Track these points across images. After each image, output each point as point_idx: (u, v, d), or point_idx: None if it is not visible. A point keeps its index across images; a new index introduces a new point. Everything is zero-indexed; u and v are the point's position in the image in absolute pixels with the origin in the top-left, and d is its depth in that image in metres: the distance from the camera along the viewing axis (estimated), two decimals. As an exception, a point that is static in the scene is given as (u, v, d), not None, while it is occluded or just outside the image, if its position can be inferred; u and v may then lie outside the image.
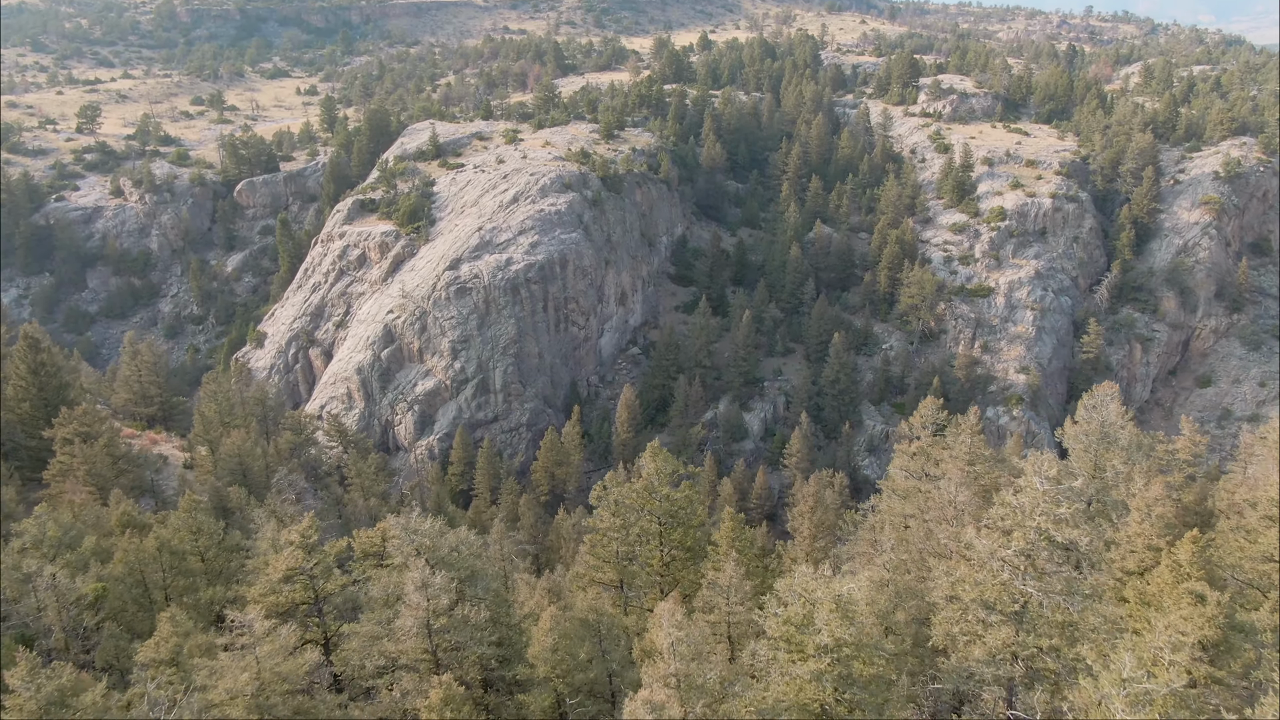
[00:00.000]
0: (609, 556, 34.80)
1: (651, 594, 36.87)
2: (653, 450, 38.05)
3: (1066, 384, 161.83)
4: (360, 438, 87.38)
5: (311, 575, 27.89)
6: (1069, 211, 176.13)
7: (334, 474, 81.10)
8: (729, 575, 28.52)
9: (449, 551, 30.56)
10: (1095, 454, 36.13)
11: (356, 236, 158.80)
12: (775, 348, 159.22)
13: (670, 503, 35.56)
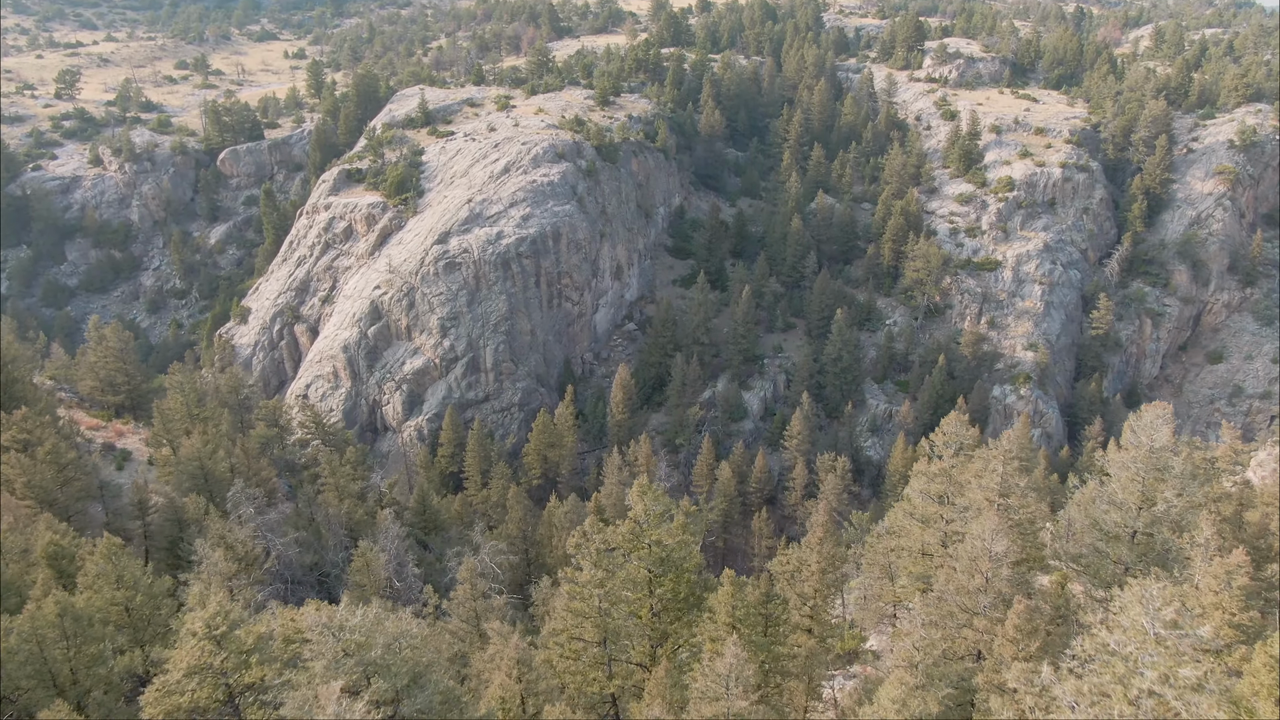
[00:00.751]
0: (590, 612, 30.60)
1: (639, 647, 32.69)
2: (640, 489, 33.63)
3: (1075, 361, 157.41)
4: (338, 429, 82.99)
5: (222, 671, 23.21)
6: (1079, 182, 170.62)
7: (312, 468, 76.84)
8: (729, 661, 24.35)
9: (385, 650, 24.73)
10: (1144, 483, 31.76)
11: (343, 208, 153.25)
12: (775, 323, 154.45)
13: (661, 548, 31.27)
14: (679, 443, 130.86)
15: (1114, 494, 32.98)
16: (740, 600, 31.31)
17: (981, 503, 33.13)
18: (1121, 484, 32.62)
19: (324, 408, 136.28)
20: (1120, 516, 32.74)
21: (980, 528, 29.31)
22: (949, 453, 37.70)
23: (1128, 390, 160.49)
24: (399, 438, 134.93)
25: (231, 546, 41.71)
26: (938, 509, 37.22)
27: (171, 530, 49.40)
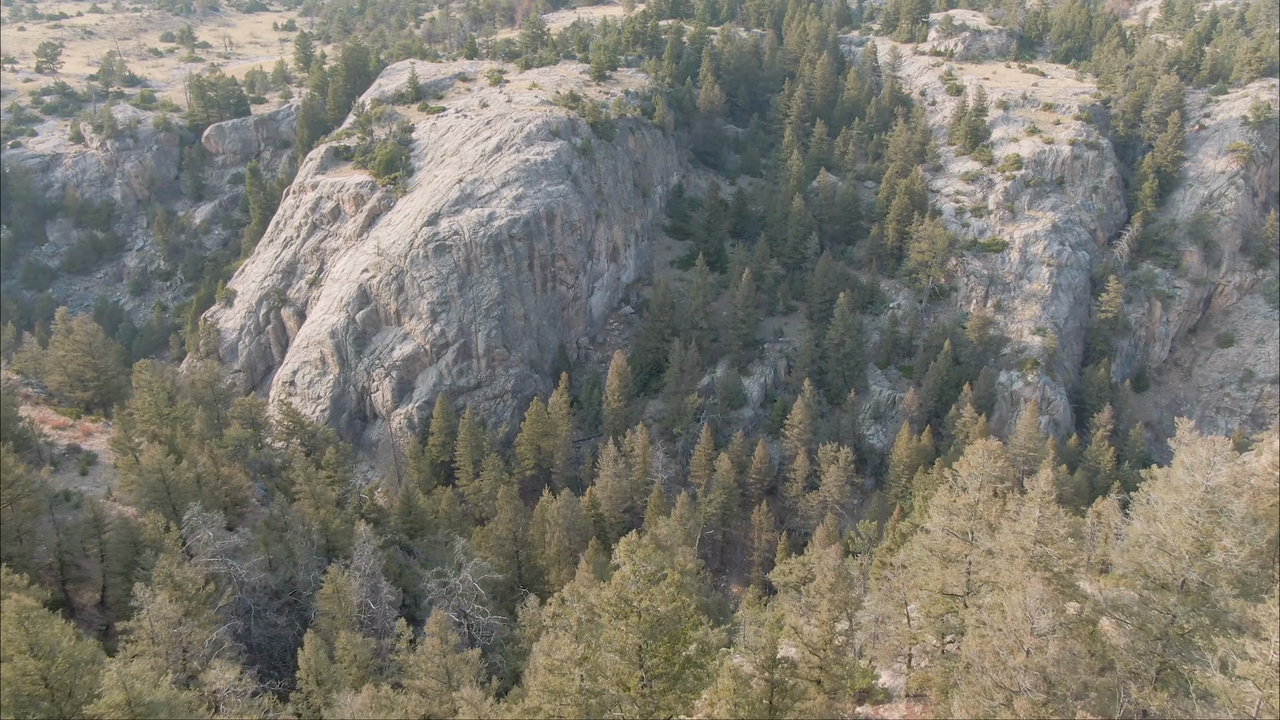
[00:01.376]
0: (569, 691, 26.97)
1: (629, 719, 29.11)
2: (628, 547, 29.78)
3: (1083, 345, 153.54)
4: (319, 428, 78.93)
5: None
6: (1089, 160, 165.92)
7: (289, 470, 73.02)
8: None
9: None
10: (1199, 528, 28.04)
11: (330, 187, 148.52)
12: (776, 306, 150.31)
13: (652, 614, 27.60)
14: (676, 432, 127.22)
15: (1163, 537, 29.28)
16: (744, 697, 27.52)
17: (1015, 549, 29.49)
18: (1172, 527, 28.90)
19: (311, 394, 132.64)
20: (1170, 564, 29.05)
21: (1022, 597, 25.67)
22: (975, 485, 33.98)
23: (1136, 374, 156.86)
24: (388, 426, 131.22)
25: (181, 585, 38.10)
26: (962, 548, 33.52)
27: (127, 553, 45.77)
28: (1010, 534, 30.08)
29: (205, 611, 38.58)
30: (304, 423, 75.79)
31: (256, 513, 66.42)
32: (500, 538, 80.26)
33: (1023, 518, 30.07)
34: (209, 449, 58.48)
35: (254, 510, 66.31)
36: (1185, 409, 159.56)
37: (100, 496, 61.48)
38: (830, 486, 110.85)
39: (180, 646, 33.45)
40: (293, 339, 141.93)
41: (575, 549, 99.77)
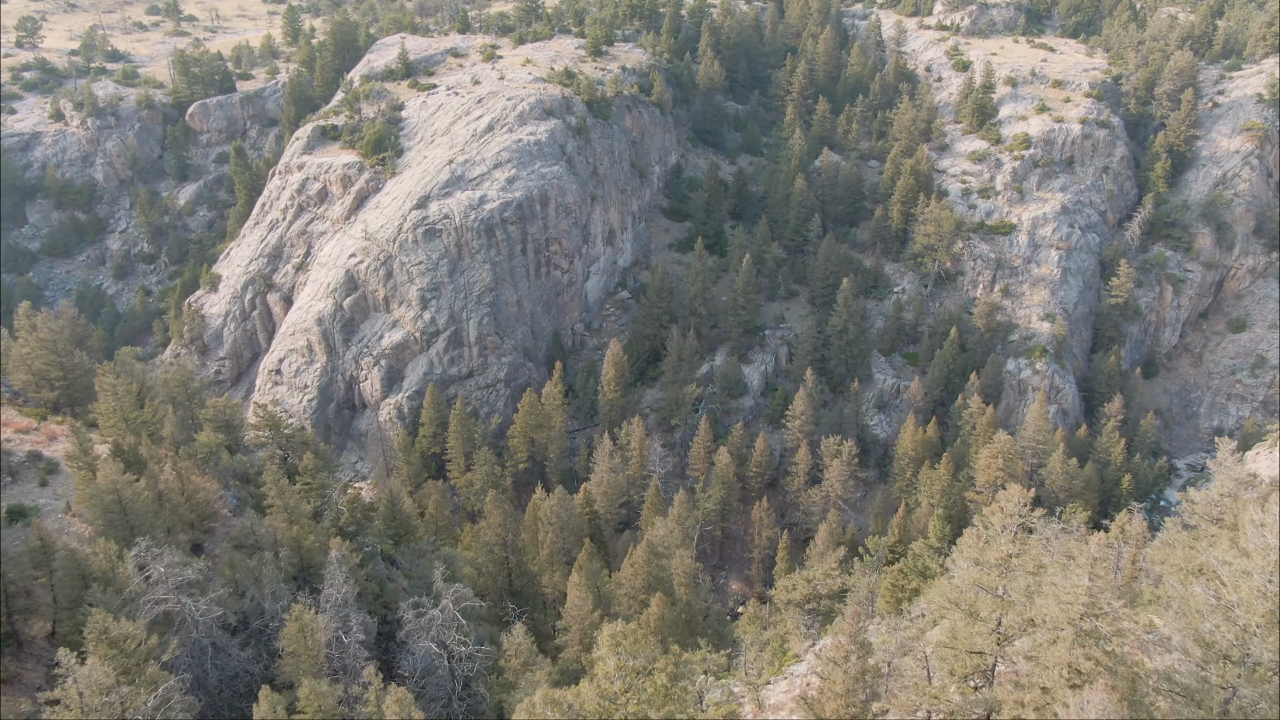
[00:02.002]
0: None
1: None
2: (613, 638, 25.90)
3: (1092, 331, 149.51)
4: (297, 430, 74.78)
5: None
6: (1099, 139, 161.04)
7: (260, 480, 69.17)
8: None
9: None
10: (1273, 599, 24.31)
11: (317, 168, 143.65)
12: (777, 291, 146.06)
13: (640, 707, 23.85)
14: (674, 423, 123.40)
15: (1228, 604, 25.56)
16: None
17: (1059, 620, 25.78)
18: (1240, 595, 25.15)
19: (298, 383, 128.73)
20: (1234, 634, 25.33)
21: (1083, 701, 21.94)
22: (1008, 537, 30.13)
23: (1145, 360, 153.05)
24: (378, 415, 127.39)
25: (118, 642, 34.31)
26: (994, 606, 29.77)
27: (75, 586, 42.00)
28: (1055, 603, 26.43)
29: (149, 668, 34.93)
30: (281, 425, 71.85)
31: (228, 525, 62.64)
32: (489, 543, 76.62)
33: (1069, 584, 26.35)
34: (173, 461, 54.56)
35: (226, 523, 62.53)
36: (1195, 395, 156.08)
37: (60, 511, 57.71)
38: (833, 481, 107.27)
39: (116, 715, 29.73)
40: (279, 326, 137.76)
41: (570, 548, 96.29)
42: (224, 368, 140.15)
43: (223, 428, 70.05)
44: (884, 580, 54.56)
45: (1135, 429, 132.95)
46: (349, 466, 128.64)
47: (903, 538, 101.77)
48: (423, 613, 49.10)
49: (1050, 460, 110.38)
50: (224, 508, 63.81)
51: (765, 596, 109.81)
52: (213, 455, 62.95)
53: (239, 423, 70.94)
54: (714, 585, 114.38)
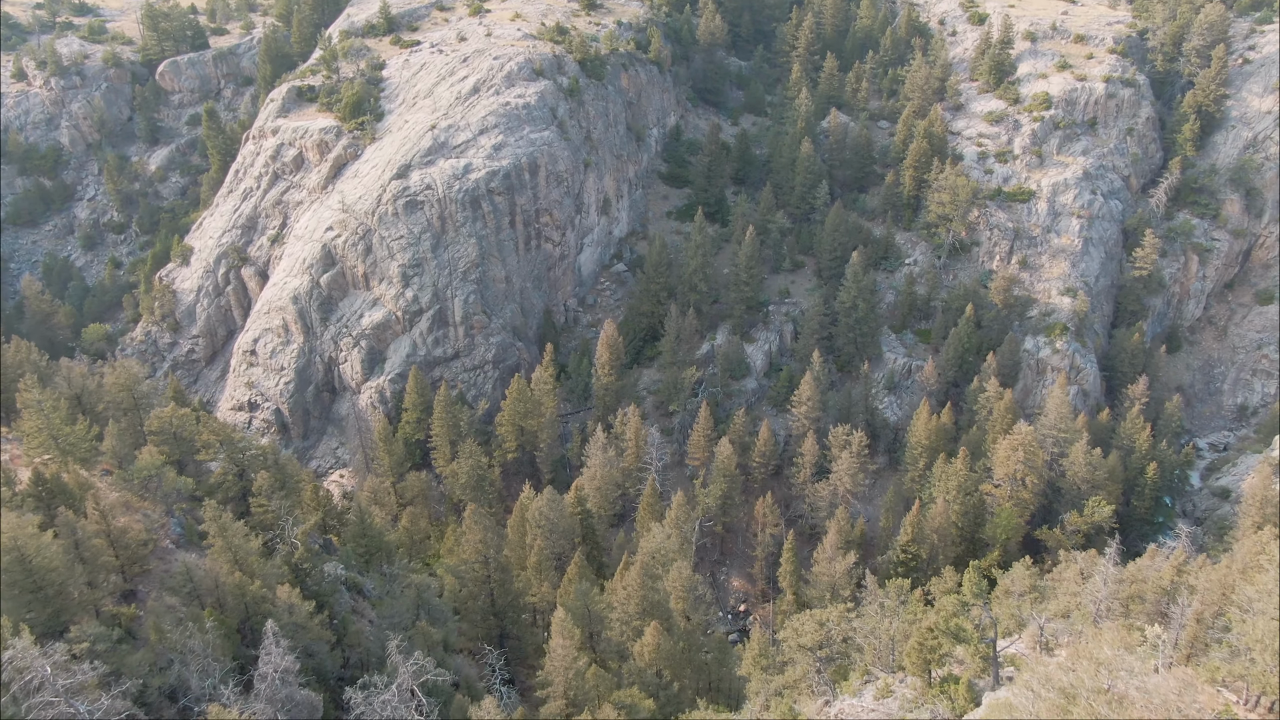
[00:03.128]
0: None
1: None
2: None
3: (1113, 304, 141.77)
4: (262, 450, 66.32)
5: None
6: (1124, 98, 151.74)
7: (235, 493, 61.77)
8: None
9: None
10: None
11: (292, 133, 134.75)
12: (782, 263, 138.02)
13: None
14: (673, 409, 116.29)
15: None
16: None
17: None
18: None
19: (274, 365, 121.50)
20: None
21: None
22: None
23: (1167, 334, 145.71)
24: (360, 399, 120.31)
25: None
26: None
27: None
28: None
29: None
30: (235, 439, 64.43)
31: (170, 560, 55.78)
32: (469, 560, 69.94)
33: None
34: (94, 500, 47.49)
35: (168, 558, 55.65)
36: (1219, 371, 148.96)
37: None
38: (842, 474, 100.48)
39: None
40: (255, 302, 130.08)
41: (560, 551, 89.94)
42: (198, 346, 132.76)
43: (169, 441, 62.95)
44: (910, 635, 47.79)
45: (1159, 410, 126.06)
46: (329, 453, 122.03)
47: (916, 536, 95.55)
48: (374, 696, 42.42)
49: (1072, 451, 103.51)
50: (167, 538, 56.93)
51: (771, 579, 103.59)
52: (154, 478, 55.93)
53: (189, 434, 63.88)
54: (714, 581, 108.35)
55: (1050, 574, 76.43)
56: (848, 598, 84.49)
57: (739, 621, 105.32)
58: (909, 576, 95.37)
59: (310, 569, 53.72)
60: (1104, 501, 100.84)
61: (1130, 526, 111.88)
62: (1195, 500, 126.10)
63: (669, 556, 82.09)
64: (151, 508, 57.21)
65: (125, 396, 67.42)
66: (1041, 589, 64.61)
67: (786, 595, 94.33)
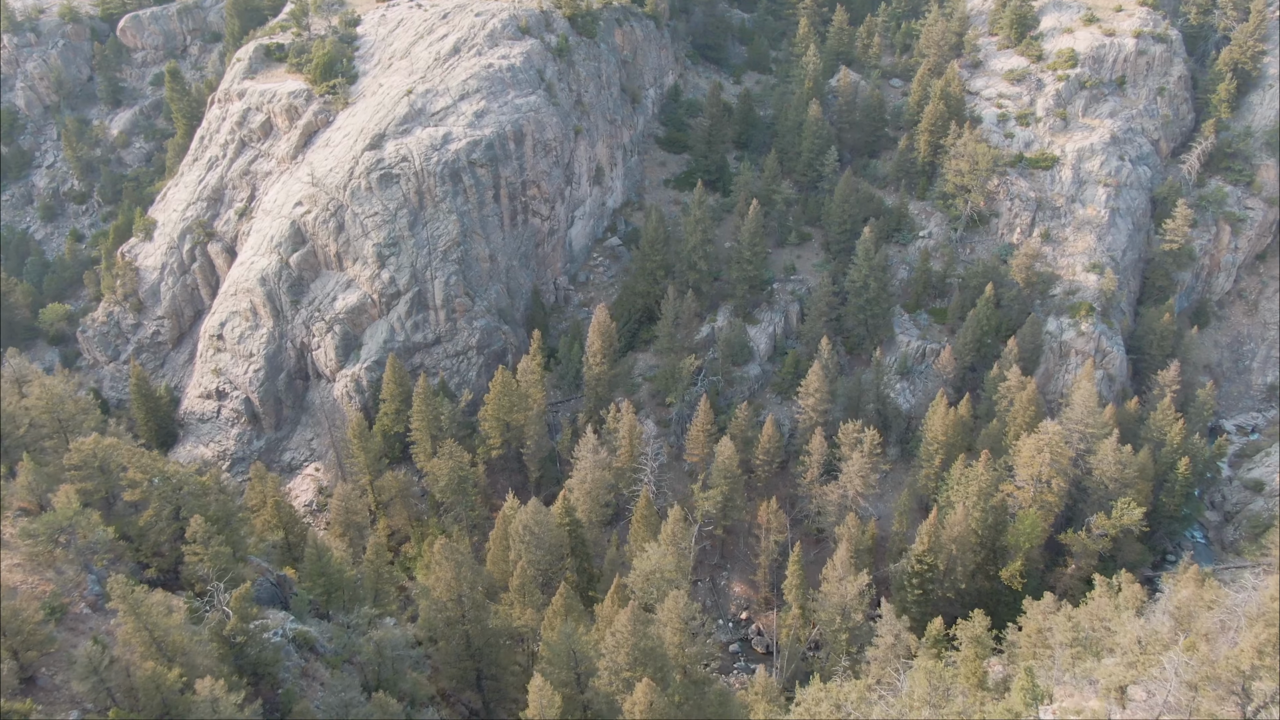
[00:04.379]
0: None
1: None
2: None
3: (1140, 280, 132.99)
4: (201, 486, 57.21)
5: None
6: (1155, 55, 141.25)
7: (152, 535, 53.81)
8: None
9: None
10: None
11: (259, 97, 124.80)
12: (787, 236, 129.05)
13: None
14: (670, 401, 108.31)
15: None
16: None
17: None
18: None
19: (242, 351, 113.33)
20: None
21: None
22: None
23: (1195, 309, 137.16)
24: (335, 388, 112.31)
25: None
26: None
27: None
28: None
29: None
30: (169, 473, 56.06)
31: (84, 627, 48.20)
32: (441, 600, 62.48)
33: None
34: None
35: (81, 626, 48.09)
36: (1248, 348, 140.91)
37: None
38: (852, 476, 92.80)
39: None
40: (224, 281, 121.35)
41: (548, 569, 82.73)
42: (163, 328, 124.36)
43: (94, 475, 55.17)
44: None
45: (1188, 395, 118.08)
46: (303, 444, 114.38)
47: (933, 546, 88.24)
48: None
49: (1100, 448, 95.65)
50: (83, 599, 49.36)
51: (775, 587, 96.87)
52: (65, 530, 48.22)
53: (114, 467, 56.07)
54: (714, 587, 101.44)
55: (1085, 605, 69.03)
56: (860, 625, 77.49)
57: (740, 630, 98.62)
58: (924, 588, 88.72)
59: (248, 639, 46.28)
60: (1133, 503, 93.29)
61: (1157, 523, 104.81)
62: (1225, 492, 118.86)
63: (664, 579, 74.87)
64: (68, 561, 49.58)
65: (48, 420, 59.38)
66: (1085, 641, 57.19)
67: (792, 609, 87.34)
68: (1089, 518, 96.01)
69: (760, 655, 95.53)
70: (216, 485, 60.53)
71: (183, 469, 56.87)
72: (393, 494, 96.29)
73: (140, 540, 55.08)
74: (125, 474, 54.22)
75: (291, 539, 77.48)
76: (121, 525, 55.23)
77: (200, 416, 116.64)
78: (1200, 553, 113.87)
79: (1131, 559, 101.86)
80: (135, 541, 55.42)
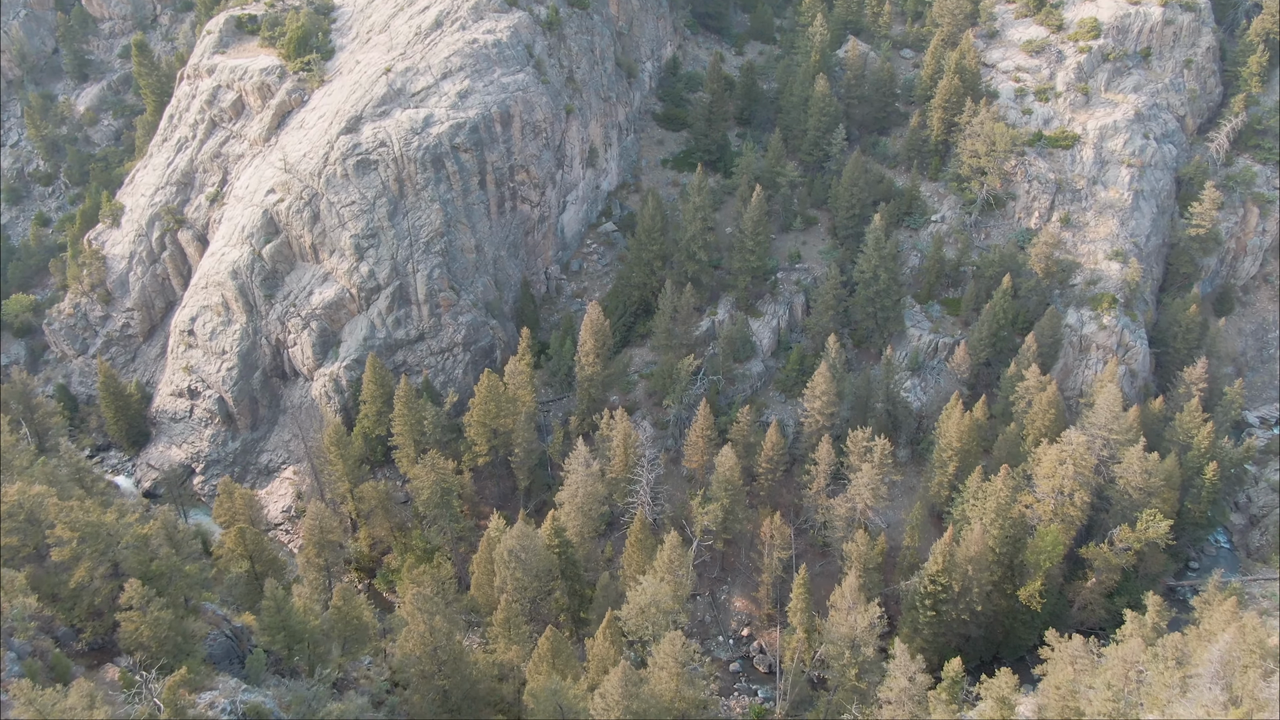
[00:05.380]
0: None
1: None
2: None
3: (1163, 266, 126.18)
4: (141, 539, 50.44)
5: None
6: (1182, 25, 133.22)
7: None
8: None
9: None
10: None
11: (230, 74, 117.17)
12: (792, 221, 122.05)
13: None
14: (667, 404, 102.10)
15: None
16: None
17: None
18: None
19: (214, 348, 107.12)
20: None
21: None
22: None
23: (1218, 294, 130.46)
24: (313, 387, 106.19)
25: None
26: None
27: None
28: None
29: None
30: (104, 526, 49.62)
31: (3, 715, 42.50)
32: (412, 654, 56.81)
33: None
34: None
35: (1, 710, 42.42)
36: (1273, 335, 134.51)
37: None
38: (861, 488, 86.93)
39: None
40: (196, 271, 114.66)
41: (536, 600, 77.26)
42: (133, 320, 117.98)
43: (20, 529, 49.18)
44: None
45: (1214, 390, 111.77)
46: (281, 445, 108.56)
47: (947, 566, 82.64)
48: None
49: (1126, 456, 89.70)
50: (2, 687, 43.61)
51: (778, 602, 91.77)
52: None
53: (45, 517, 50.02)
54: (714, 601, 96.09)
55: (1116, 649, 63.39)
56: (870, 660, 72.04)
57: (741, 647, 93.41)
58: (937, 610, 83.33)
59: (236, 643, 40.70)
60: (1159, 515, 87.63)
61: (1181, 530, 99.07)
62: (1251, 494, 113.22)
63: (661, 610, 69.33)
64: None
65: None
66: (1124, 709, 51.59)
67: (797, 633, 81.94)
68: (1112, 530, 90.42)
69: (763, 675, 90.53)
70: (164, 531, 54.50)
71: (121, 520, 50.73)
72: (373, 505, 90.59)
73: (73, 602, 49.23)
74: (50, 534, 48.17)
75: (259, 568, 71.93)
76: (54, 583, 49.35)
77: (173, 416, 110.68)
78: (1224, 559, 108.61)
79: (1154, 570, 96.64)
80: (67, 603, 49.55)
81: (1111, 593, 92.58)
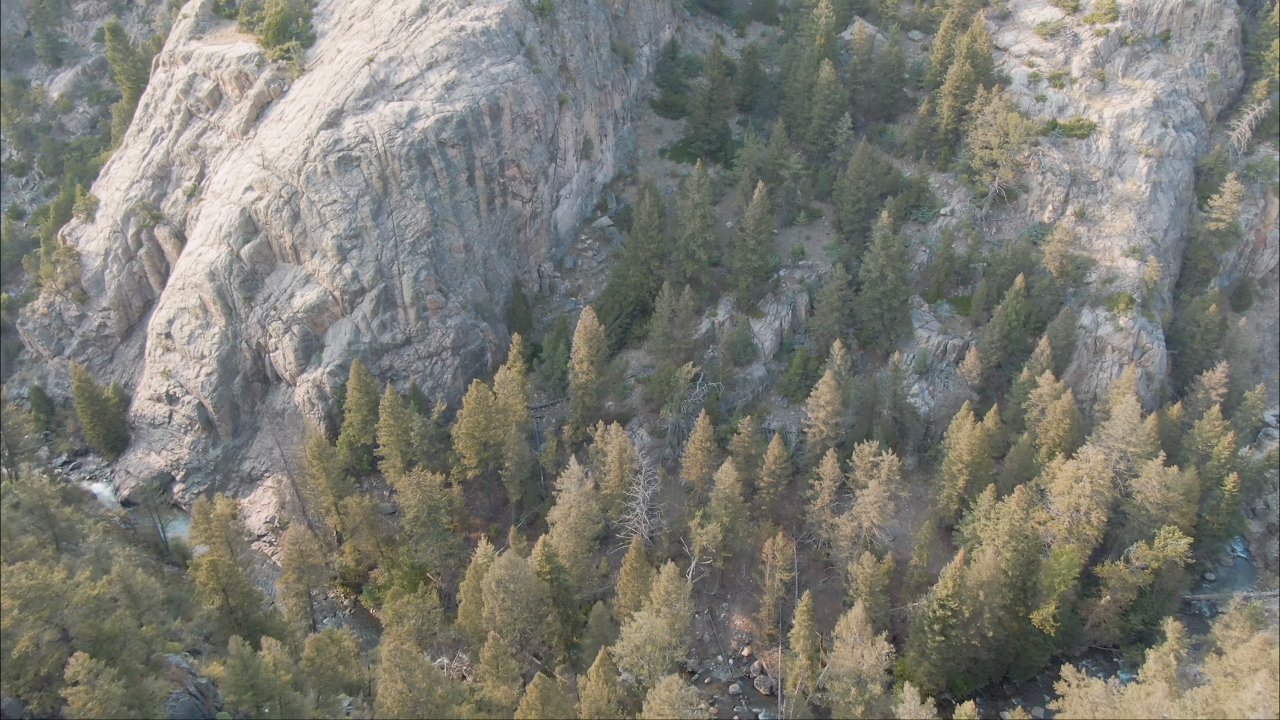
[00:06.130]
0: None
1: None
2: None
3: (1181, 261, 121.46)
4: (93, 603, 46.10)
5: None
6: (1204, 6, 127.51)
7: None
8: None
9: None
10: None
11: (207, 61, 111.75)
12: (795, 215, 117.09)
13: None
14: (665, 412, 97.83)
15: None
16: None
17: None
18: None
19: (193, 352, 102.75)
20: None
21: None
22: None
23: (1236, 289, 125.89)
24: (296, 393, 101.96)
25: None
26: None
27: None
28: None
29: None
30: (52, 588, 45.27)
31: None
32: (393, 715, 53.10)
33: None
34: None
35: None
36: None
37: None
38: (868, 506, 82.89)
39: None
40: (173, 269, 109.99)
41: (526, 632, 73.55)
42: (109, 320, 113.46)
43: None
44: None
45: (1233, 392, 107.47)
46: (264, 453, 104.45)
47: (957, 590, 78.90)
48: None
49: (1145, 470, 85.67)
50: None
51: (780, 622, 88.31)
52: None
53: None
54: (713, 620, 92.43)
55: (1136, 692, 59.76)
56: (878, 697, 68.41)
57: (742, 668, 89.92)
58: (946, 634, 79.73)
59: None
60: (1178, 532, 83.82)
61: (1198, 542, 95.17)
62: (1269, 500, 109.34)
63: (657, 647, 65.58)
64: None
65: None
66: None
67: (800, 659, 78.27)
68: (1128, 547, 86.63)
69: (764, 697, 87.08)
70: (122, 582, 50.46)
71: (70, 580, 46.67)
72: (358, 520, 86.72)
73: (18, 672, 45.32)
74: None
75: (233, 601, 68.13)
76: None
77: (151, 421, 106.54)
78: (1241, 569, 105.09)
79: (1170, 585, 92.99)
80: (12, 672, 45.64)
81: (1127, 610, 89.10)
